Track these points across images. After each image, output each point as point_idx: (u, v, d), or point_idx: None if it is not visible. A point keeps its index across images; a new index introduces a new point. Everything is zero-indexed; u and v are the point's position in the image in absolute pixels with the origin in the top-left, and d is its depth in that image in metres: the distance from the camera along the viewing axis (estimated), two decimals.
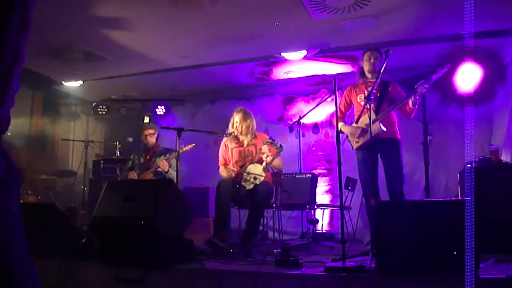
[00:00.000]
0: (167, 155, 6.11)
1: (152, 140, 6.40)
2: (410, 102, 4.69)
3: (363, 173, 4.86)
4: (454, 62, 5.20)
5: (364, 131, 4.78)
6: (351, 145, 5.02)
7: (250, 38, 6.04)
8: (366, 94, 4.81)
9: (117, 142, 6.39)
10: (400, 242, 3.15)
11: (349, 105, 5.19)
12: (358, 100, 4.99)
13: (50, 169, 8.11)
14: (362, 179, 4.96)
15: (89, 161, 7.49)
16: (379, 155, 4.84)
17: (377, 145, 4.65)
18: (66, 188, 8.24)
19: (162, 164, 6.00)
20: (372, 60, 4.93)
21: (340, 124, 5.08)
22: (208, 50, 6.51)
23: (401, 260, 3.12)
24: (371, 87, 4.60)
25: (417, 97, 4.66)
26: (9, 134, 6.56)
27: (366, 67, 5.00)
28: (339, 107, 5.18)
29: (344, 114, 5.25)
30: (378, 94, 4.81)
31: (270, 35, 5.97)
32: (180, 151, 5.85)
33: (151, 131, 6.43)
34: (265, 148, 5.26)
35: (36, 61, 6.92)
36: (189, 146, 5.88)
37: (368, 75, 5.00)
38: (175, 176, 6.13)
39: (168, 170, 6.05)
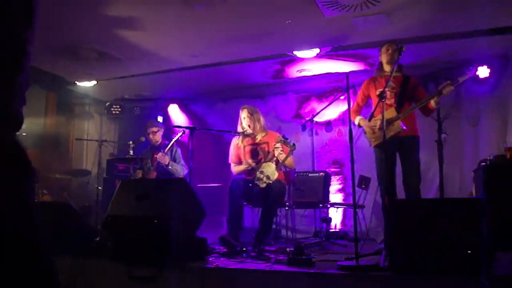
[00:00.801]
0: (168, 152, 6.20)
1: (156, 137, 6.51)
2: (432, 101, 4.60)
3: (381, 171, 4.79)
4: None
5: (386, 127, 4.65)
6: (369, 142, 4.95)
7: (262, 36, 6.03)
8: (387, 89, 4.72)
9: (131, 142, 6.42)
10: (414, 240, 3.13)
11: (367, 98, 5.09)
12: (377, 94, 4.88)
13: (65, 168, 8.16)
14: (379, 177, 4.89)
15: (103, 160, 7.52)
16: (397, 153, 4.78)
17: (396, 143, 4.61)
18: (80, 188, 8.29)
19: (161, 157, 6.07)
20: (390, 51, 4.81)
21: (358, 118, 5.02)
22: (220, 49, 6.51)
23: (415, 259, 3.10)
24: (388, 83, 4.56)
25: (441, 98, 4.57)
26: (24, 134, 6.68)
27: (384, 59, 4.89)
28: (356, 100, 5.14)
29: (361, 108, 5.14)
30: (398, 89, 4.77)
31: (282, 33, 5.95)
32: (172, 142, 5.92)
33: (155, 129, 6.53)
34: (278, 145, 5.25)
35: (50, 61, 6.98)
36: (179, 135, 5.91)
37: (387, 68, 4.87)
38: (180, 169, 6.18)
39: (168, 163, 6.12)
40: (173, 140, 6.06)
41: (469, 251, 2.98)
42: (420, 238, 3.10)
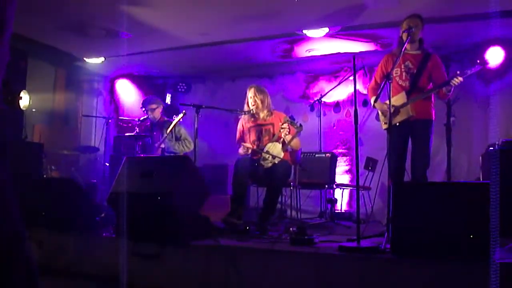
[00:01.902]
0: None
1: (155, 114, 6.48)
2: (444, 89, 4.50)
3: (391, 153, 4.71)
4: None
5: (396, 111, 4.54)
6: (381, 124, 4.89)
7: (271, 15, 5.98)
8: (403, 68, 4.63)
9: (137, 119, 6.44)
10: (416, 224, 3.12)
11: (385, 75, 4.95)
12: (394, 75, 4.67)
13: (73, 145, 8.21)
14: (388, 159, 4.81)
15: (111, 137, 7.56)
16: (409, 136, 4.70)
17: (409, 126, 4.55)
18: (88, 164, 8.34)
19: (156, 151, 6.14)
20: (412, 29, 4.45)
21: (373, 98, 4.75)
22: (229, 27, 6.47)
23: (416, 242, 3.09)
24: (406, 62, 4.46)
25: (452, 87, 4.45)
26: (33, 110, 6.70)
27: (404, 36, 4.57)
28: (374, 77, 5.00)
29: (379, 85, 4.83)
30: (415, 70, 4.63)
31: (291, 12, 5.89)
32: (173, 125, 5.91)
33: (154, 105, 6.50)
34: (285, 125, 5.22)
35: (58, 38, 6.99)
36: (180, 116, 5.88)
37: (407, 46, 4.53)
38: (180, 148, 6.18)
39: (164, 147, 6.16)
40: (174, 122, 6.00)
41: (471, 236, 2.96)
42: (422, 222, 3.09)
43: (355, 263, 3.14)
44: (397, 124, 4.53)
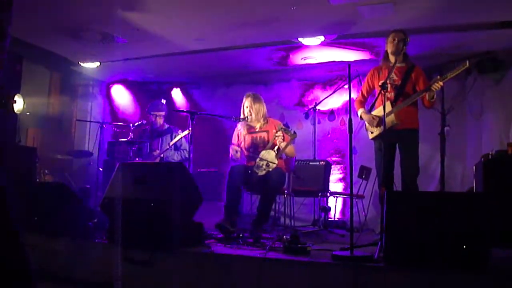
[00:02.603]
0: (168, 139, 6.22)
1: (160, 121, 6.49)
2: (426, 96, 4.52)
3: (378, 162, 4.79)
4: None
5: (380, 121, 4.64)
6: (367, 134, 4.94)
7: (267, 22, 5.98)
8: (388, 81, 4.68)
9: (131, 125, 6.42)
10: (409, 233, 3.12)
11: (372, 89, 5.00)
12: (379, 86, 4.82)
13: (67, 149, 8.17)
14: (377, 168, 4.89)
15: (105, 142, 7.53)
16: (396, 145, 4.74)
17: (394, 135, 4.57)
18: (82, 169, 8.31)
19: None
20: (395, 41, 4.64)
21: (360, 110, 4.98)
22: (225, 33, 6.47)
23: (409, 252, 3.09)
24: (388, 73, 4.51)
25: (435, 92, 4.49)
26: (27, 113, 6.67)
27: (389, 48, 4.72)
28: (361, 90, 5.09)
29: (366, 98, 5.07)
30: (400, 81, 4.70)
31: (287, 20, 5.89)
32: (177, 139, 5.93)
33: (162, 113, 6.51)
34: (279, 133, 5.23)
35: (54, 42, 6.97)
36: (185, 133, 5.91)
37: (392, 58, 4.69)
38: (177, 156, 6.20)
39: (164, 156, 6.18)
40: (179, 136, 6.05)
41: (464, 246, 2.97)
42: (415, 231, 3.09)
43: (349, 272, 3.14)
44: (383, 132, 4.58)
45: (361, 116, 4.97)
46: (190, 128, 5.39)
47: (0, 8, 1.42)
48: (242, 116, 5.54)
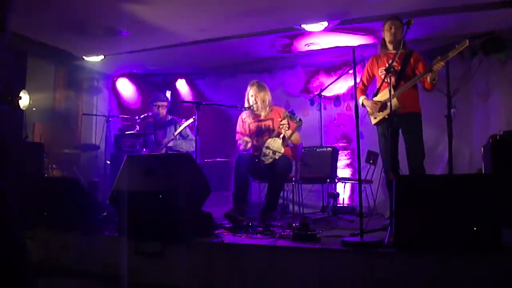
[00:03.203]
0: (172, 129, 6.23)
1: (162, 111, 6.49)
2: (428, 77, 4.51)
3: (383, 147, 4.79)
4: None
5: (383, 106, 4.67)
6: (370, 120, 4.93)
7: (270, 10, 5.95)
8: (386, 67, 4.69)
9: (137, 117, 6.42)
10: (419, 217, 3.11)
11: (372, 78, 5.03)
12: (380, 73, 4.82)
13: (74, 143, 8.21)
14: (382, 153, 4.89)
15: (111, 135, 7.56)
16: (400, 130, 4.74)
17: (397, 120, 4.56)
18: (89, 162, 8.34)
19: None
20: (392, 30, 4.69)
21: (362, 97, 4.99)
22: (228, 23, 6.45)
23: (419, 236, 3.08)
24: (391, 60, 4.49)
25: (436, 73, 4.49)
26: (33, 109, 6.69)
27: (386, 37, 4.79)
28: (361, 79, 5.08)
29: (366, 87, 5.10)
30: (400, 67, 4.70)
31: (289, 7, 5.86)
32: (181, 128, 5.93)
33: (164, 103, 6.52)
34: (284, 121, 5.22)
35: (57, 36, 6.98)
36: (189, 121, 5.92)
37: (389, 46, 4.78)
38: (186, 146, 6.21)
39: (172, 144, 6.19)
40: (183, 125, 6.05)
41: (474, 228, 2.96)
42: (424, 215, 3.08)
43: (359, 258, 3.14)
44: (386, 117, 4.57)
45: (362, 103, 4.97)
46: (194, 117, 5.39)
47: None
48: (246, 105, 5.52)
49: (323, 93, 7.43)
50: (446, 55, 4.36)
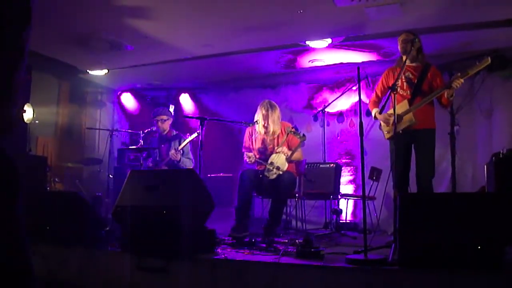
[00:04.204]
0: (177, 144, 6.22)
1: (164, 126, 6.47)
2: (445, 93, 4.50)
3: (393, 163, 4.75)
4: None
5: (398, 119, 4.54)
6: (383, 134, 4.90)
7: (274, 26, 5.98)
8: (403, 79, 4.67)
9: (141, 131, 6.42)
10: (424, 235, 3.10)
11: (386, 90, 4.91)
12: (389, 87, 4.80)
13: (77, 157, 8.22)
14: (392, 168, 4.84)
15: (115, 149, 7.57)
16: (412, 146, 4.71)
17: (411, 135, 4.55)
18: (92, 176, 8.34)
19: (173, 154, 6.08)
20: (401, 42, 4.71)
21: (374, 110, 4.93)
22: (232, 38, 6.48)
23: (423, 254, 3.07)
24: (406, 73, 4.48)
25: (453, 90, 4.46)
26: (36, 122, 6.70)
27: (399, 49, 4.78)
28: (375, 91, 5.06)
29: (380, 99, 5.01)
30: (416, 80, 4.69)
31: (294, 23, 5.90)
32: (186, 142, 5.93)
33: (164, 117, 6.50)
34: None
35: (62, 50, 7.02)
36: (194, 135, 5.92)
37: (404, 58, 4.67)
38: (189, 163, 6.20)
39: (180, 159, 6.11)
40: (188, 139, 6.04)
41: (479, 247, 2.95)
42: (430, 233, 3.07)
43: (363, 275, 3.12)
44: (400, 132, 4.53)
45: (375, 116, 4.93)
46: (198, 131, 5.39)
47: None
48: (256, 119, 5.52)
49: (326, 109, 7.45)
50: (466, 72, 4.35)
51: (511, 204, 3.72)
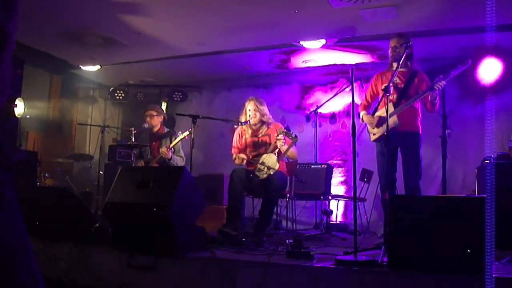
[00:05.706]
0: (168, 142, 6.17)
1: (153, 122, 6.36)
2: (429, 97, 4.54)
3: (380, 165, 4.78)
4: (475, 57, 5.01)
5: (380, 122, 4.67)
6: (369, 136, 4.93)
7: (268, 25, 5.98)
8: (391, 84, 4.70)
9: (133, 128, 6.37)
10: (413, 237, 3.11)
11: (376, 94, 4.99)
12: (381, 90, 4.82)
13: (67, 152, 8.17)
14: (379, 171, 4.88)
15: (106, 146, 7.52)
16: (398, 148, 4.74)
17: (396, 138, 4.56)
18: (82, 172, 8.31)
19: (164, 152, 6.02)
20: (394, 48, 4.73)
21: (362, 113, 4.99)
22: (226, 37, 6.48)
23: (413, 256, 3.07)
24: (393, 78, 4.51)
25: (437, 93, 4.50)
26: (28, 117, 6.66)
27: (390, 54, 4.81)
28: (365, 95, 5.09)
29: (370, 104, 5.06)
30: (403, 85, 4.71)
31: (288, 23, 5.90)
32: (177, 140, 5.88)
33: (153, 112, 6.39)
34: (281, 136, 5.21)
35: (54, 45, 6.98)
36: (186, 134, 5.87)
37: (394, 64, 4.74)
38: (181, 161, 6.15)
39: (171, 157, 6.06)
40: (179, 138, 5.98)
41: (468, 251, 2.95)
42: (419, 235, 3.08)
43: (353, 276, 3.12)
44: (385, 134, 4.56)
45: (362, 118, 4.98)
46: (190, 130, 5.35)
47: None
48: (243, 119, 5.51)
49: (319, 110, 7.46)
50: (448, 74, 4.39)
51: (500, 208, 3.74)
